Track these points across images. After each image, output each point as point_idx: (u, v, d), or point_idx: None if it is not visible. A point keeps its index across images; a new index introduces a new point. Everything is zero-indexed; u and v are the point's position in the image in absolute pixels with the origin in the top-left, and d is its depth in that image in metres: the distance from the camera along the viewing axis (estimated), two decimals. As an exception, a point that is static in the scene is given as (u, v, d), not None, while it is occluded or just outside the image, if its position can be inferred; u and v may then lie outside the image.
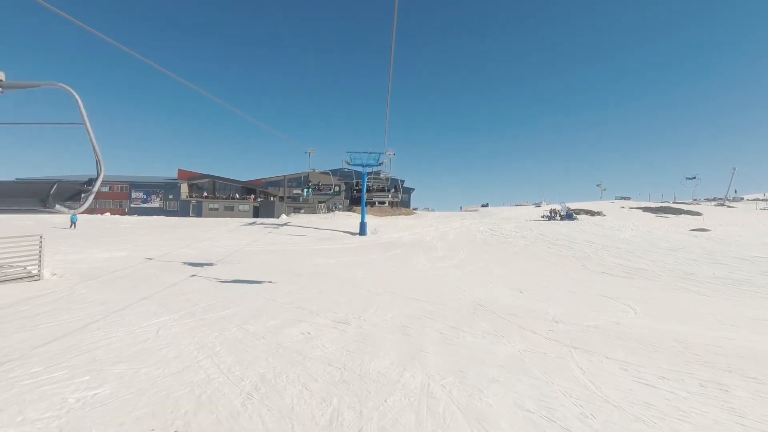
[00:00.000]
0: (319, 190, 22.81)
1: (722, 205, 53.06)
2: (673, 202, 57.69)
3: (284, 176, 51.75)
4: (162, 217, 33.52)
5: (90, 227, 25.43)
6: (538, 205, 55.08)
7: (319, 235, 23.76)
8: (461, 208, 74.24)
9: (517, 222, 31.69)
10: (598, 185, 73.51)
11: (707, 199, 62.27)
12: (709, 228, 25.74)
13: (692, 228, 26.16)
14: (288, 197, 52.26)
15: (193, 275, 9.82)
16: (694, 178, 63.08)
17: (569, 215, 31.63)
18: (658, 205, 49.65)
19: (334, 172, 51.18)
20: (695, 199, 61.88)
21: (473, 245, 20.28)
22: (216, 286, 8.47)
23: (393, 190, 23.42)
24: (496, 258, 16.55)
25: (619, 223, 29.06)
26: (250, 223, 29.74)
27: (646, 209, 43.52)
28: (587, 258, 16.84)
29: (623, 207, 47.45)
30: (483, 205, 69.85)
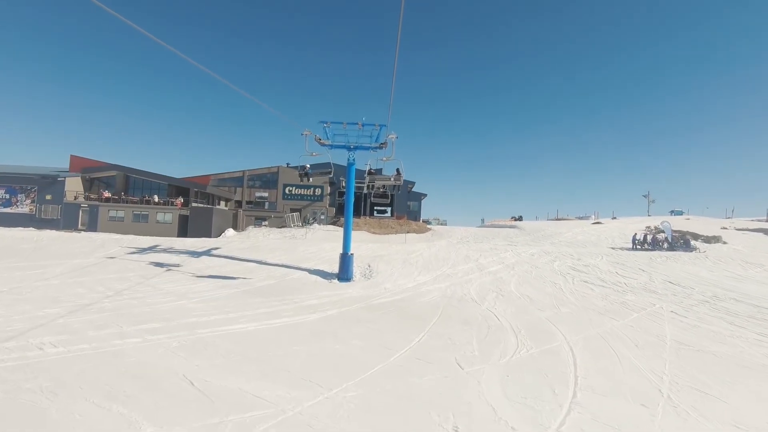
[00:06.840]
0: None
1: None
2: None
3: (243, 172, 43.04)
4: (30, 231, 24.56)
5: None
6: (597, 223, 46.66)
7: (257, 282, 14.71)
8: (483, 220, 65.57)
9: (601, 252, 22.83)
10: (644, 196, 65.38)
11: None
12: None
13: None
14: (248, 202, 43.28)
15: None
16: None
17: (686, 243, 22.71)
18: (775, 225, 41.43)
19: (319, 166, 42.61)
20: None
21: (569, 311, 11.37)
22: None
23: (395, 173, 15.58)
24: (661, 370, 7.52)
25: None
26: (145, 249, 20.57)
27: (766, 232, 35.03)
28: None
29: (725, 228, 39.07)
30: (515, 218, 61.35)
